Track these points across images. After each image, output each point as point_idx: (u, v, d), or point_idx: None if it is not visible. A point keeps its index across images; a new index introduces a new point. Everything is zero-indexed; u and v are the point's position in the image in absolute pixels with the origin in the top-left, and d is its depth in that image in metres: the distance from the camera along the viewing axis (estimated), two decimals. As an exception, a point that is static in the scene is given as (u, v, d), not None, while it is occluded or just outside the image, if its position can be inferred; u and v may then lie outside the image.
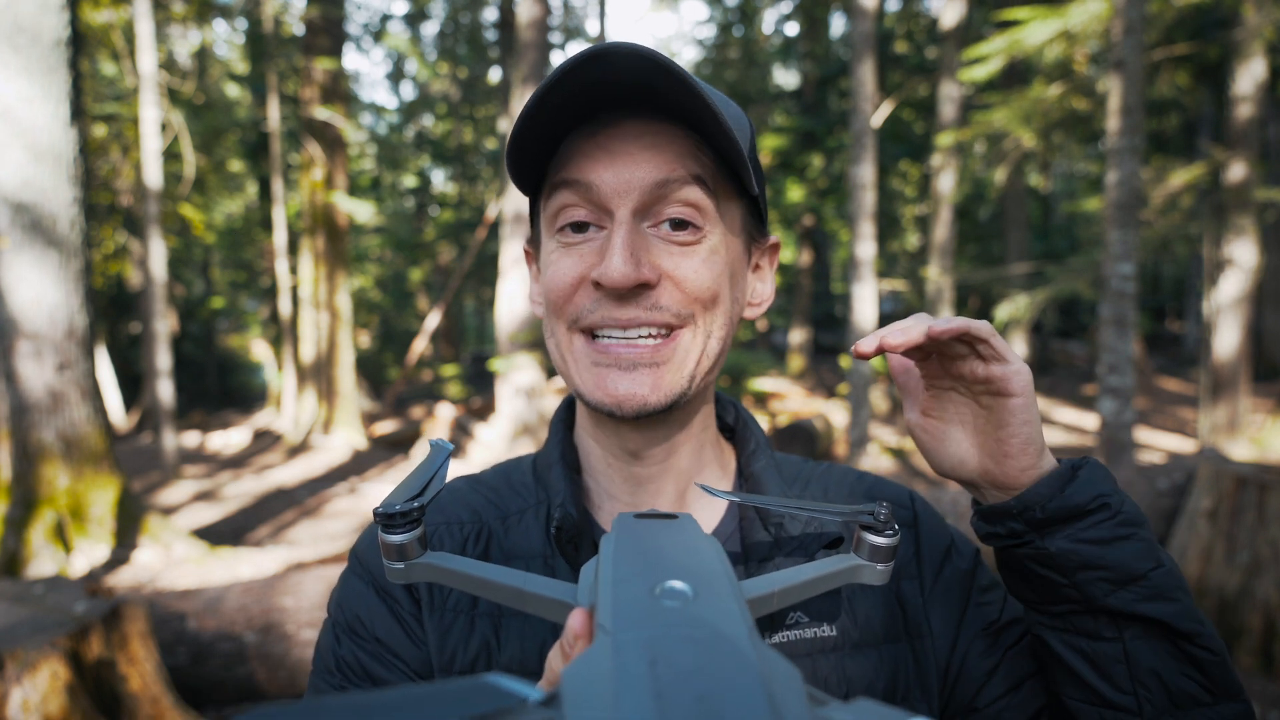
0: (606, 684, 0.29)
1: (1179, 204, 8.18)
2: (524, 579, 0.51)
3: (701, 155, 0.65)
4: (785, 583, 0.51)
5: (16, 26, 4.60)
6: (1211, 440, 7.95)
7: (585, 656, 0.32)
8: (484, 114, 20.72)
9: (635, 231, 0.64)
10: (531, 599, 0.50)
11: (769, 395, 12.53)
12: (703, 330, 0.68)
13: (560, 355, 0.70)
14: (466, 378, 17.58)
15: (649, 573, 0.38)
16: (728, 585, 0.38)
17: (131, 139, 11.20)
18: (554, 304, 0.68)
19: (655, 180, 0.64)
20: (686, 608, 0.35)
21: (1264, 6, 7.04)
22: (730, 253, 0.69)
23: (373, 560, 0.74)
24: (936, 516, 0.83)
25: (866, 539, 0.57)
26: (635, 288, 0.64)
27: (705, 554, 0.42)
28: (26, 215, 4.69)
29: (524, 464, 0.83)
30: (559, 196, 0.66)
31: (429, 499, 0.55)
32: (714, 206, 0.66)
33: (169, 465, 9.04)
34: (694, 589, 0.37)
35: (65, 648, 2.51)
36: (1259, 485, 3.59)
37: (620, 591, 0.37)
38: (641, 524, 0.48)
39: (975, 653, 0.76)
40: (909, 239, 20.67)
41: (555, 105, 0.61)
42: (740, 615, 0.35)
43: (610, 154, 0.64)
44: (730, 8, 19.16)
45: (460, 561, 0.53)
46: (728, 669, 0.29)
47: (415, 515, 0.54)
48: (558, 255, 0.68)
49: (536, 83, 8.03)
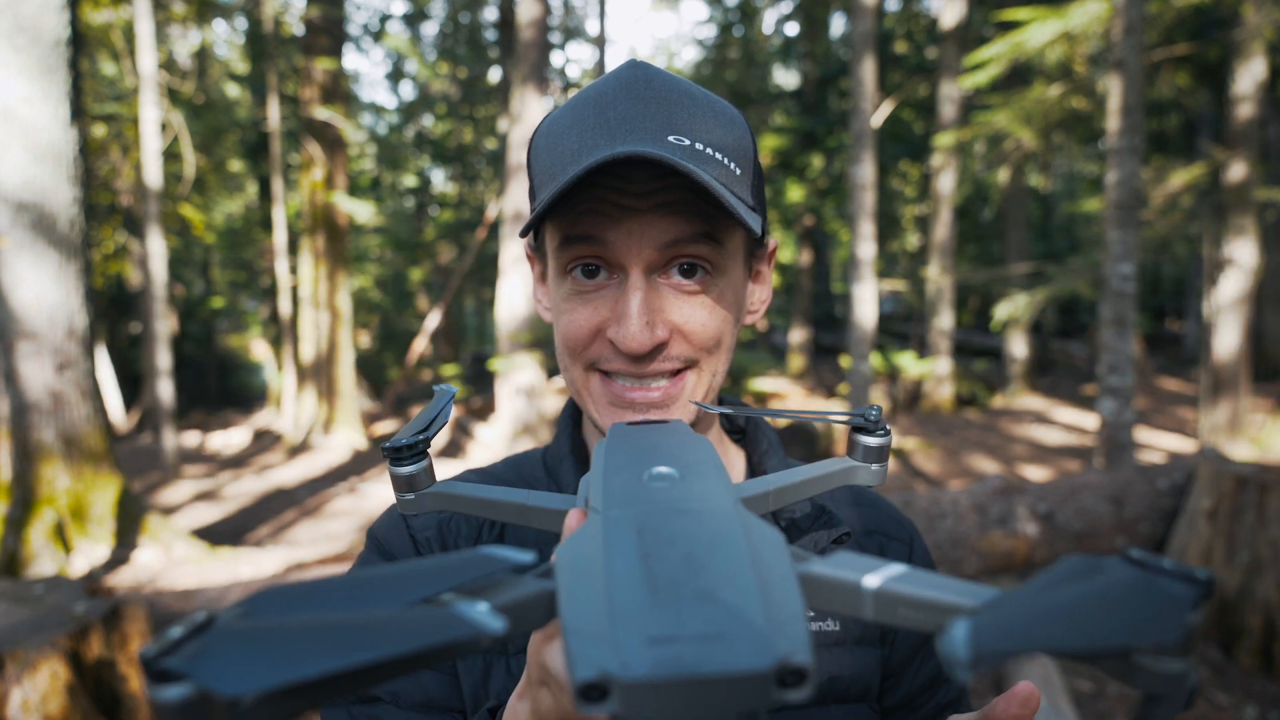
0: (596, 551, 0.31)
1: (1179, 204, 8.17)
2: (526, 495, 0.53)
3: (708, 207, 0.65)
4: (781, 483, 0.52)
5: (17, 26, 4.60)
6: (1211, 440, 7.95)
7: (576, 534, 0.34)
8: (484, 114, 20.70)
9: (648, 290, 0.66)
10: (534, 512, 0.52)
11: (769, 395, 12.53)
12: (707, 371, 0.71)
13: (577, 390, 0.73)
14: (466, 378, 17.57)
15: (638, 463, 0.40)
16: (714, 469, 0.39)
17: (131, 139, 11.20)
18: (571, 350, 0.71)
19: (666, 240, 0.65)
20: (673, 487, 0.36)
21: (1264, 6, 7.04)
22: (734, 290, 0.71)
23: (392, 539, 0.75)
24: (928, 554, 0.87)
25: (860, 440, 0.58)
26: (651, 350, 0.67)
27: (695, 447, 0.44)
28: (27, 215, 4.69)
29: (533, 457, 0.85)
30: (570, 248, 0.67)
31: (434, 433, 0.57)
32: (721, 252, 0.68)
33: (169, 465, 9.04)
34: (681, 472, 0.38)
35: (65, 648, 2.51)
36: (1259, 485, 3.59)
37: (610, 480, 0.38)
38: (634, 429, 0.49)
39: (917, 686, 0.78)
40: (909, 239, 20.67)
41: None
42: (725, 490, 0.36)
43: (621, 211, 0.64)
44: (730, 8, 19.16)
45: (465, 487, 0.56)
46: (712, 532, 0.31)
47: (421, 448, 0.56)
48: (573, 303, 0.69)
49: (536, 83, 8.03)
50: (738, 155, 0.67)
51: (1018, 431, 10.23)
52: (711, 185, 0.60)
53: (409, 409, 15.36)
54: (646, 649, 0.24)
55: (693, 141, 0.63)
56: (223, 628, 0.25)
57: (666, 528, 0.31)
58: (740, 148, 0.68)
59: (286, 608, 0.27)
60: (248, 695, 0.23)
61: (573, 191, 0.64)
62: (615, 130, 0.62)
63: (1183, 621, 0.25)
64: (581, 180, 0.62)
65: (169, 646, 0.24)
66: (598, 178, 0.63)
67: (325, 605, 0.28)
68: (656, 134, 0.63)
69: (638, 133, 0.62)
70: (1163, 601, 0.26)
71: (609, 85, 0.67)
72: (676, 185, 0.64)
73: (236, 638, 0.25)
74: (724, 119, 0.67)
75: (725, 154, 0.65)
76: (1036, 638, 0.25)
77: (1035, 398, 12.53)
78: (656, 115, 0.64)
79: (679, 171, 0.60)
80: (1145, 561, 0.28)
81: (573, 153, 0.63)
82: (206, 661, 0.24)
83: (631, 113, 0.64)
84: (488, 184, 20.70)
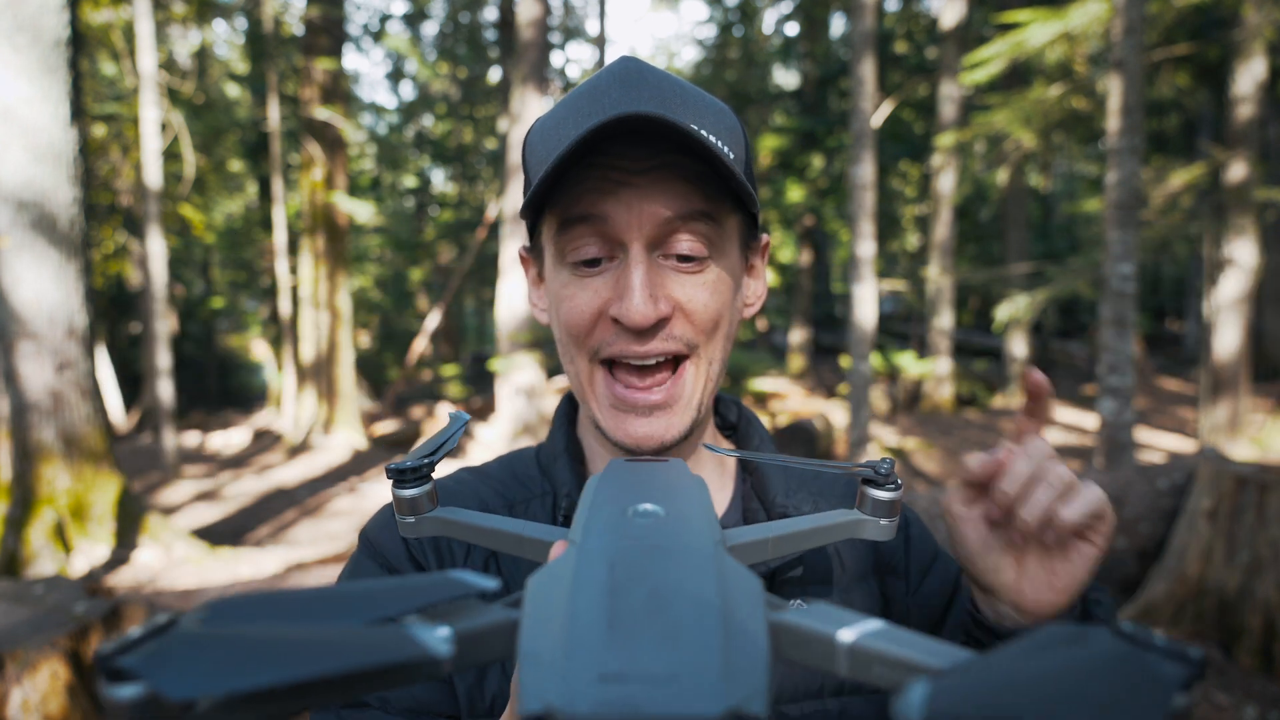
0: (565, 583, 0.30)
1: (1179, 204, 8.17)
2: (522, 526, 0.54)
3: (705, 185, 0.66)
4: (781, 531, 0.52)
5: (16, 26, 4.60)
6: (1211, 440, 7.95)
7: (551, 564, 0.34)
8: (484, 114, 20.71)
9: (651, 266, 0.66)
10: (529, 543, 0.53)
11: (769, 395, 12.54)
12: (705, 359, 0.70)
13: (580, 386, 0.73)
14: (466, 378, 17.57)
15: (626, 498, 0.40)
16: (701, 510, 0.39)
17: (131, 139, 11.20)
18: (574, 336, 0.70)
19: (665, 216, 0.65)
20: (656, 525, 0.36)
21: (1264, 6, 7.04)
22: (732, 275, 0.72)
23: (384, 541, 0.75)
24: (926, 528, 0.84)
25: (869, 493, 0.57)
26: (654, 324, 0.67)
27: (687, 488, 0.43)
28: (27, 215, 4.69)
29: (526, 456, 0.84)
30: (570, 230, 0.67)
31: (439, 458, 0.57)
32: (719, 233, 0.68)
33: (169, 465, 9.04)
34: (666, 510, 0.38)
35: (65, 648, 2.51)
36: (1259, 485, 3.59)
37: (595, 513, 0.38)
38: (632, 466, 0.49)
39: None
40: (909, 239, 20.67)
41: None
42: (708, 531, 0.36)
43: (619, 186, 0.64)
44: (730, 8, 19.16)
45: (464, 514, 0.56)
46: (683, 572, 0.30)
47: (425, 472, 0.56)
48: (573, 288, 0.69)
49: (536, 83, 8.03)
50: (731, 143, 0.68)
51: (1018, 431, 10.21)
52: (709, 142, 0.61)
53: (409, 409, 15.37)
54: (594, 686, 0.24)
55: (688, 123, 0.64)
56: (182, 631, 0.26)
57: (639, 564, 0.31)
58: (732, 140, 0.68)
59: (249, 616, 0.28)
60: (196, 700, 0.23)
61: (570, 174, 0.64)
62: (610, 112, 0.63)
63: (1166, 705, 0.23)
64: (579, 160, 0.63)
65: (126, 645, 0.25)
66: (594, 158, 0.64)
67: (287, 616, 0.28)
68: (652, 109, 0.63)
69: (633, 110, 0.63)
70: (1147, 682, 0.24)
71: (601, 78, 0.67)
72: (675, 150, 0.64)
73: (193, 642, 0.25)
74: (716, 110, 0.69)
75: (719, 138, 0.66)
76: (999, 706, 0.23)
77: (1035, 398, 12.51)
78: (650, 100, 0.64)
79: (678, 134, 0.60)
80: (1135, 636, 0.27)
81: (569, 137, 0.63)
82: (160, 663, 0.24)
83: (625, 96, 0.64)
84: (488, 184, 20.70)
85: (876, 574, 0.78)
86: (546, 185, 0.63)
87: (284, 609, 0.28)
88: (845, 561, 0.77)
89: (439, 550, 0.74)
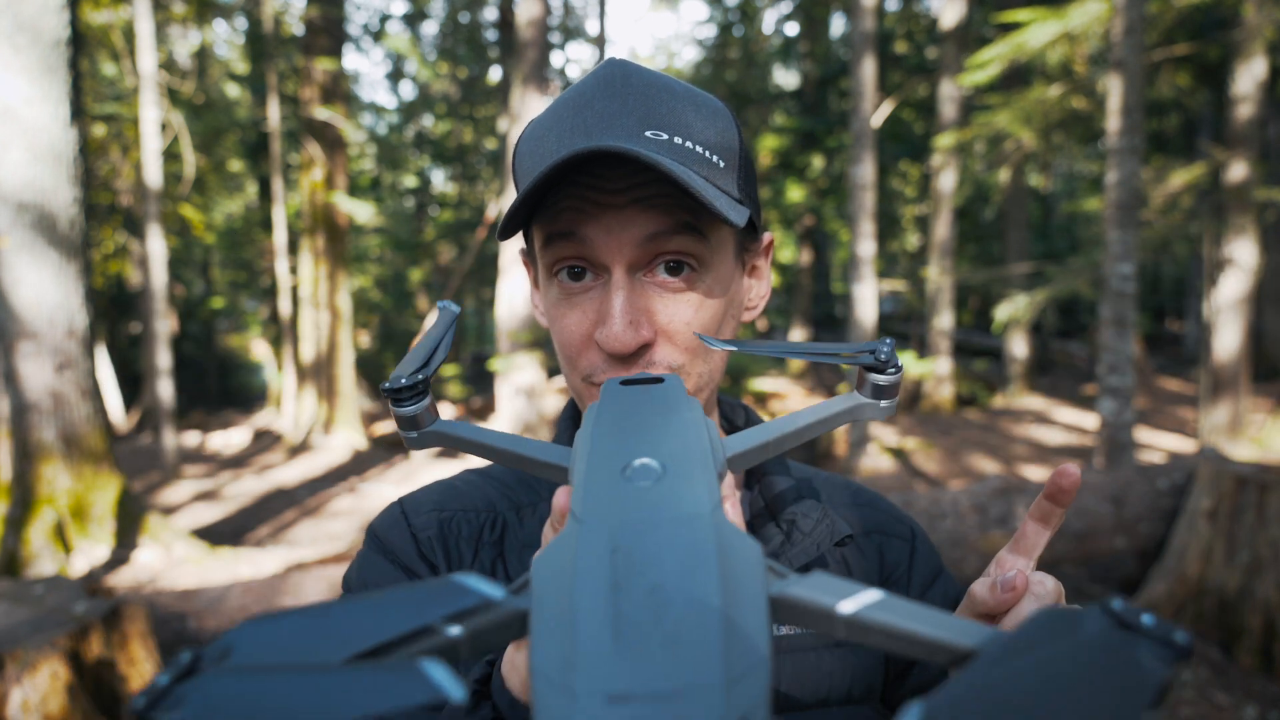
0: (568, 575, 0.31)
1: (1179, 204, 8.17)
2: (521, 443, 0.54)
3: (686, 199, 0.64)
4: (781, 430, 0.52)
5: (16, 26, 4.60)
6: (1211, 440, 7.95)
7: (554, 545, 0.35)
8: (484, 114, 20.70)
9: (631, 289, 0.66)
10: (528, 461, 0.53)
11: (769, 395, 12.54)
12: (694, 375, 0.70)
13: (579, 395, 0.74)
14: (466, 378, 17.57)
15: (623, 449, 0.40)
16: (699, 458, 0.39)
17: (131, 139, 11.20)
18: (568, 357, 0.71)
19: (646, 235, 0.64)
20: (654, 488, 0.36)
21: (1264, 6, 7.04)
22: (724, 285, 0.70)
23: (394, 539, 0.76)
24: (932, 547, 0.86)
25: (870, 378, 0.57)
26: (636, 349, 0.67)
27: (684, 427, 0.43)
28: (27, 215, 4.69)
29: None
30: (554, 245, 0.67)
31: (433, 370, 0.58)
32: (706, 246, 0.67)
33: (169, 465, 9.04)
34: (664, 465, 0.38)
35: (65, 648, 2.51)
36: (1259, 485, 3.59)
37: (593, 472, 0.39)
38: (628, 391, 0.49)
39: (929, 680, 0.79)
40: (909, 239, 20.67)
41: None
42: (707, 493, 0.36)
43: (599, 208, 0.64)
44: (730, 8, 19.15)
45: (465, 428, 0.57)
46: (684, 552, 0.31)
47: (421, 387, 0.57)
48: (563, 308, 0.69)
49: (536, 83, 8.03)
50: (720, 148, 0.67)
51: (1018, 431, 10.23)
52: (686, 178, 0.59)
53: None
54: (604, 709, 0.25)
55: (671, 136, 0.63)
56: (207, 675, 0.27)
57: (639, 547, 0.31)
58: (723, 140, 0.67)
59: (269, 645, 0.29)
60: None
61: (552, 190, 0.64)
62: (592, 128, 0.62)
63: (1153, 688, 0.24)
64: (560, 178, 0.62)
65: (157, 696, 0.26)
66: (576, 175, 0.63)
67: (306, 642, 0.29)
68: (633, 130, 0.63)
69: (614, 130, 0.62)
70: (1133, 672, 0.25)
71: (587, 85, 0.67)
72: (653, 180, 0.63)
73: (220, 688, 0.26)
74: (705, 112, 0.67)
75: (707, 147, 0.65)
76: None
77: (1035, 398, 12.53)
78: (634, 111, 0.63)
79: (655, 167, 0.59)
80: (1124, 617, 0.27)
81: (551, 153, 0.63)
82: (193, 713, 0.25)
83: (609, 110, 0.64)
84: (488, 184, 20.70)
85: (880, 585, 0.80)
86: (528, 205, 0.63)
87: (303, 632, 0.30)
88: (853, 572, 0.79)
89: (446, 547, 0.75)
